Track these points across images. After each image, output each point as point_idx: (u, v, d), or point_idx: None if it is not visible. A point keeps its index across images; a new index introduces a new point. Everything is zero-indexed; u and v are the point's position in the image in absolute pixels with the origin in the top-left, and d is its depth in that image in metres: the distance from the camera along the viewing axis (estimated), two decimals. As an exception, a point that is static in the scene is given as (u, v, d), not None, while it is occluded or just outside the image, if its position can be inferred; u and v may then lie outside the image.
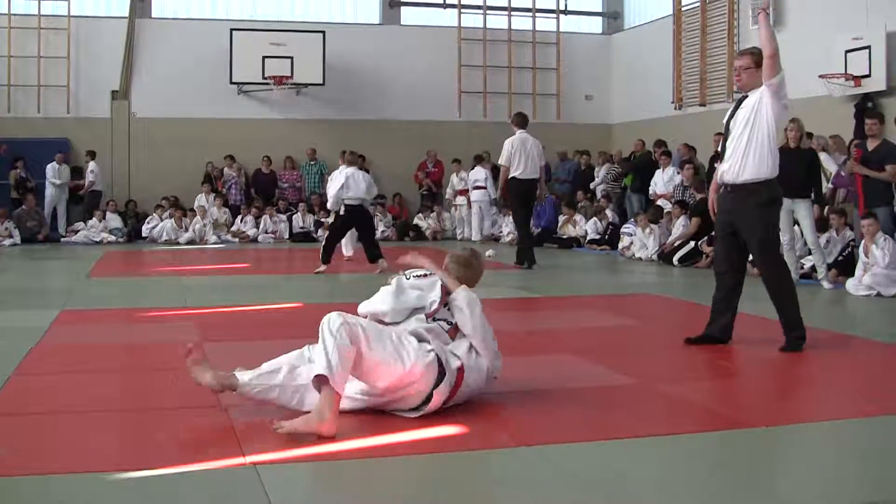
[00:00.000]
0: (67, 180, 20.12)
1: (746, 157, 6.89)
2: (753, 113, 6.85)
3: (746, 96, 7.03)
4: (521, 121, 13.78)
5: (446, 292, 5.17)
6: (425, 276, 5.27)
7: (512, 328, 7.70)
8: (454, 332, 5.15)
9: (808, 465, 4.39)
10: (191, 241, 19.02)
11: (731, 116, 7.08)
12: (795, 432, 4.87)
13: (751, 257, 7.23)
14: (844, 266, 11.55)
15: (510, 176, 13.45)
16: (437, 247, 17.79)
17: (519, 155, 13.32)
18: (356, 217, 13.10)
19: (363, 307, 5.19)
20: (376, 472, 4.20)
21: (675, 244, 14.42)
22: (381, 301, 5.17)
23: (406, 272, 5.34)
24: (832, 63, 15.14)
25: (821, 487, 4.04)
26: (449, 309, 5.17)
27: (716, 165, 14.58)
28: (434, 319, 5.11)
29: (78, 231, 19.46)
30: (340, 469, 4.22)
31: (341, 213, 12.98)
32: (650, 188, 17.36)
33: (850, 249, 11.78)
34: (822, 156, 13.06)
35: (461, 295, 5.15)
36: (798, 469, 4.31)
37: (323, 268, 12.70)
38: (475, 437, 4.67)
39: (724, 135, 7.13)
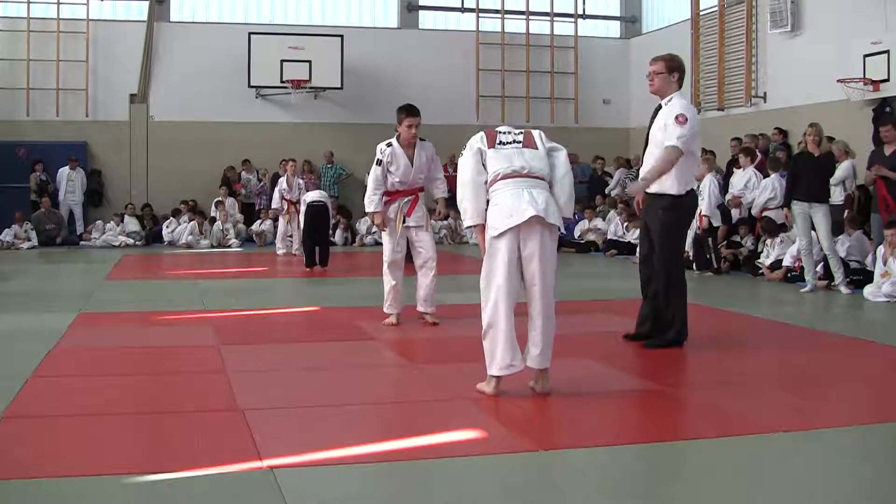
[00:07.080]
0: (82, 184, 20.22)
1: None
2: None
3: (661, 106, 7.23)
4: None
5: None
6: None
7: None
8: None
9: (825, 471, 4.36)
10: (207, 245, 19.03)
11: (651, 125, 7.32)
12: (814, 438, 4.83)
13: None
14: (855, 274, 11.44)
15: None
16: (453, 251, 17.81)
17: None
18: (319, 215, 14.03)
19: None
20: (394, 476, 4.20)
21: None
22: None
23: None
24: (850, 67, 15.04)
25: (836, 492, 4.02)
26: None
27: (734, 170, 14.53)
28: None
29: (97, 233, 19.54)
30: (358, 472, 4.21)
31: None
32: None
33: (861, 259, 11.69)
34: (844, 164, 12.97)
35: None
36: (815, 474, 4.28)
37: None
38: (496, 442, 4.67)
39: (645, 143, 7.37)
